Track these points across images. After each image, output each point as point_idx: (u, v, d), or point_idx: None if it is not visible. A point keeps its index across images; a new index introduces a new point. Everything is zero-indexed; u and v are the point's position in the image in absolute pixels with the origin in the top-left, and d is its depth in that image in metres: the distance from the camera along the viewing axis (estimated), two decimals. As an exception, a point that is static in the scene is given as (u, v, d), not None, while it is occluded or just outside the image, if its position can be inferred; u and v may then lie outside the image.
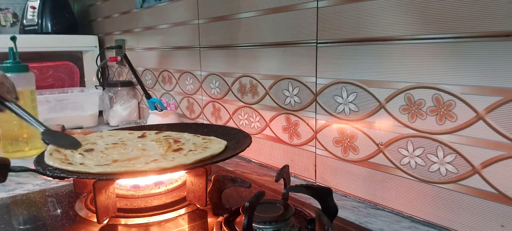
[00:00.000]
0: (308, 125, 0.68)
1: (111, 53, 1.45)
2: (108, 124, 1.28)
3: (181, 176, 0.64)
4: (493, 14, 0.42)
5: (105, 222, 0.51)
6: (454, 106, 0.47)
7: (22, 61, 0.88)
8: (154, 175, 0.57)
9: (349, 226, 0.52)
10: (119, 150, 0.61)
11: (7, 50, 0.86)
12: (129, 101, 1.29)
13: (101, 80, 1.40)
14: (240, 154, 0.59)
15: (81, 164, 0.54)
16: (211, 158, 0.56)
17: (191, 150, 0.59)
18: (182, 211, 0.56)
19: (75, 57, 1.58)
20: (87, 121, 1.25)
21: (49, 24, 1.53)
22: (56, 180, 0.60)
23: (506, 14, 0.41)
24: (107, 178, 0.50)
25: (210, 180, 0.53)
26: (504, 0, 0.41)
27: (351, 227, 0.52)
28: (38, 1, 1.53)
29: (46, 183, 0.71)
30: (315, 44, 0.64)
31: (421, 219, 0.53)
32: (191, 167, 0.53)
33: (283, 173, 0.52)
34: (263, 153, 0.81)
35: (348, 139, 0.61)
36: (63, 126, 1.04)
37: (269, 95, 0.76)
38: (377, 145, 0.57)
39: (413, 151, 0.53)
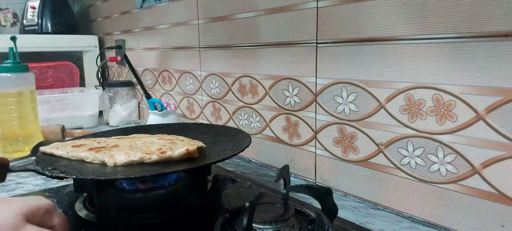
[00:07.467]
0: (308, 125, 0.68)
1: (111, 53, 1.44)
2: (108, 124, 1.28)
3: (181, 176, 0.63)
4: (493, 14, 0.42)
5: (105, 222, 0.51)
6: (454, 106, 0.47)
7: (22, 61, 0.88)
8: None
9: (349, 226, 0.52)
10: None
11: (7, 50, 0.86)
12: (129, 101, 1.29)
13: (101, 80, 1.40)
14: (240, 154, 0.58)
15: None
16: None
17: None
18: (182, 211, 0.56)
19: (75, 57, 1.59)
20: (87, 121, 1.25)
21: (49, 24, 1.53)
22: (55, 180, 0.60)
23: (505, 14, 0.41)
24: (107, 178, 0.50)
25: (210, 180, 0.53)
26: (504, 0, 0.41)
27: (351, 227, 0.52)
28: (38, 1, 1.53)
29: (46, 183, 0.71)
30: (315, 44, 0.64)
31: (421, 219, 0.53)
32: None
33: (283, 173, 0.52)
34: (263, 153, 0.81)
35: (348, 139, 0.61)
36: (63, 126, 1.04)
37: (269, 95, 0.76)
38: (377, 145, 0.57)
39: (413, 151, 0.52)
